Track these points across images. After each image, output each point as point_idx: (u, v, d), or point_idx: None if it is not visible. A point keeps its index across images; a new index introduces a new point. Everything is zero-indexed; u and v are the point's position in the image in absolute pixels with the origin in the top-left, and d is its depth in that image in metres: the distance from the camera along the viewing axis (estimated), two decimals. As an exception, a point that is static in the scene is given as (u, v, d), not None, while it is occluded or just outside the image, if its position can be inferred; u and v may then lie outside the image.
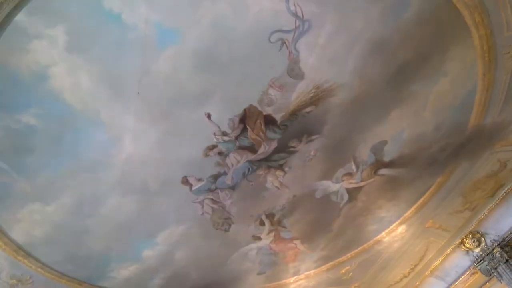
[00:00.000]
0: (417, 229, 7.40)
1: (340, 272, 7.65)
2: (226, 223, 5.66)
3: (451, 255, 8.24)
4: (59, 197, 4.61)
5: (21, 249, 5.00)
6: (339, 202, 6.14)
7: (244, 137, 4.67)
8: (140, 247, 5.58)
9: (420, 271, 8.57)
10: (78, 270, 5.59)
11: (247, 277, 6.86)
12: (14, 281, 5.37)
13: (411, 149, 5.77)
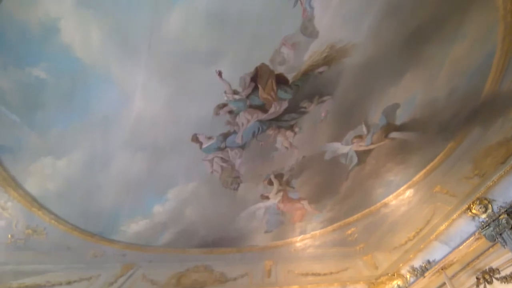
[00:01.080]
0: (425, 193, 7.42)
1: (345, 233, 7.78)
2: (235, 182, 5.72)
3: (457, 220, 8.31)
4: (70, 152, 4.67)
5: (35, 201, 5.14)
6: (348, 165, 6.14)
7: (255, 96, 4.62)
8: (151, 203, 5.69)
9: (425, 235, 8.68)
10: (90, 224, 5.76)
11: (254, 235, 7.02)
12: (29, 231, 5.56)
13: (423, 114, 5.68)
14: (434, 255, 8.98)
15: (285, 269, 8.36)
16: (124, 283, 7.14)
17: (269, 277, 8.34)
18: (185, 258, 7.01)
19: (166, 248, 6.62)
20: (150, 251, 6.56)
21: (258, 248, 7.39)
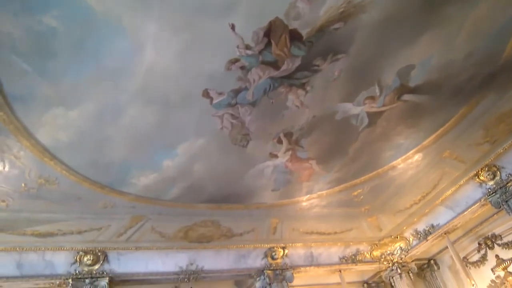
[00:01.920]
0: (434, 158, 7.40)
1: (352, 194, 7.85)
2: (244, 139, 5.72)
3: (463, 186, 8.35)
4: (82, 103, 4.68)
5: (47, 151, 5.20)
6: (358, 126, 6.10)
7: (268, 52, 4.52)
8: (160, 157, 5.74)
9: (431, 200, 8.75)
10: (101, 175, 5.85)
11: (261, 192, 7.11)
12: (41, 181, 5.69)
13: (438, 76, 5.56)
14: (438, 219, 9.09)
15: (290, 227, 8.53)
16: (133, 234, 7.36)
17: (274, 234, 8.54)
18: (193, 213, 7.15)
19: (175, 202, 6.75)
20: (159, 204, 6.69)
21: (265, 205, 7.51)
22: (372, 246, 10.02)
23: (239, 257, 8.61)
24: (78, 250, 7.32)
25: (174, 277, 8.01)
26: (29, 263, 7.03)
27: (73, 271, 7.21)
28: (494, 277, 9.51)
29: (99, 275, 7.31)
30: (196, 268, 8.11)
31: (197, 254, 8.20)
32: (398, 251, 10.00)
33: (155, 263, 7.85)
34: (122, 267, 7.57)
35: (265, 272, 8.63)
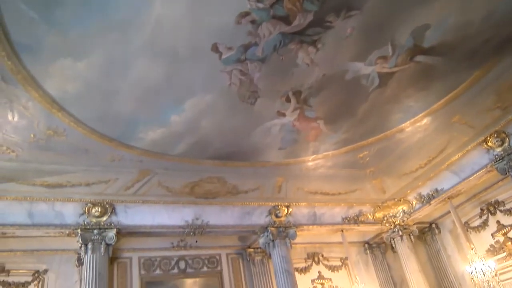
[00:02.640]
0: (442, 122, 7.33)
1: (358, 156, 7.86)
2: (253, 97, 5.67)
3: (471, 151, 8.32)
4: (90, 54, 4.63)
5: (55, 102, 5.21)
6: (368, 87, 6.00)
7: (279, 5, 4.38)
8: (168, 112, 5.74)
9: (437, 164, 8.75)
10: (109, 128, 5.88)
11: (268, 151, 7.13)
12: (50, 132, 5.73)
13: (453, 37, 5.40)
14: (442, 184, 9.13)
15: (295, 186, 8.62)
16: (140, 188, 7.49)
17: (279, 193, 8.65)
18: (199, 169, 7.23)
19: (182, 157, 6.81)
20: (166, 159, 6.76)
21: (270, 164, 7.55)
22: (375, 208, 10.15)
23: (243, 214, 8.79)
24: (87, 202, 7.50)
25: (179, 231, 8.23)
26: (40, 212, 7.23)
27: (82, 222, 7.43)
28: (494, 242, 9.66)
29: (107, 227, 7.52)
30: (201, 222, 8.31)
31: (202, 209, 8.38)
32: (400, 213, 10.13)
33: (161, 217, 8.05)
34: (129, 219, 7.76)
35: (269, 229, 8.82)
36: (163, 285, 8.87)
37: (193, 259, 9.25)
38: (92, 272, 7.12)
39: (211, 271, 9.31)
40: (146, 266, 8.77)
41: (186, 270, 9.09)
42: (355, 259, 10.83)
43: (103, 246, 7.38)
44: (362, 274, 10.52)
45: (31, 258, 8.09)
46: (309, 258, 10.62)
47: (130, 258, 8.70)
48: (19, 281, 7.88)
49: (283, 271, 8.55)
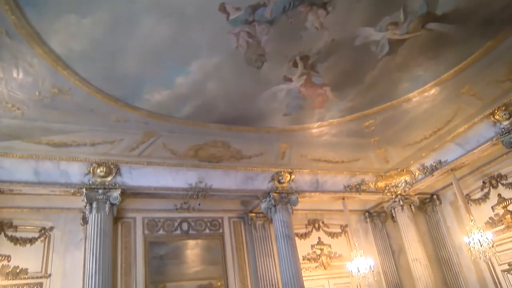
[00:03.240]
0: (451, 93, 7.23)
1: (363, 125, 7.80)
2: (259, 60, 5.58)
3: (477, 124, 8.27)
4: (95, 11, 4.53)
5: (60, 60, 5.14)
6: (377, 54, 5.87)
7: (290, -35, 4.26)
8: (174, 73, 5.66)
9: (442, 136, 8.71)
10: (114, 88, 5.83)
11: (273, 116, 7.09)
12: (55, 91, 5.70)
13: (469, 4, 5.23)
14: (446, 156, 9.13)
15: (298, 153, 8.64)
16: (145, 149, 7.53)
17: (282, 159, 8.68)
18: (204, 132, 7.23)
19: (187, 120, 6.79)
20: (171, 121, 6.74)
21: (275, 130, 7.52)
22: (377, 177, 10.20)
23: (246, 179, 8.86)
24: (91, 162, 7.57)
25: (183, 193, 8.33)
26: (45, 171, 7.32)
27: (87, 181, 7.53)
28: (493, 214, 9.76)
29: (111, 187, 7.62)
30: (204, 186, 8.40)
31: (206, 173, 8.45)
32: (402, 184, 10.19)
33: (165, 179, 8.14)
34: (134, 180, 7.86)
35: (271, 195, 8.92)
36: (166, 246, 9.09)
37: (196, 221, 9.42)
38: (96, 230, 7.28)
39: (213, 233, 9.51)
40: (149, 226, 8.96)
41: (188, 231, 9.28)
42: (355, 227, 11.01)
43: (107, 205, 7.50)
44: (361, 242, 10.72)
45: (37, 215, 8.27)
46: (310, 224, 10.81)
47: (134, 218, 8.88)
48: (27, 237, 8.10)
49: (283, 235, 8.71)
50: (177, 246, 9.26)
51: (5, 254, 7.81)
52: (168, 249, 9.11)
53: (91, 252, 7.12)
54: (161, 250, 9.02)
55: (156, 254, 8.88)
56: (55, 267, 8.00)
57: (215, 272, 9.30)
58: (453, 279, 10.29)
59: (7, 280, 7.61)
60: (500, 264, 9.55)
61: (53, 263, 8.03)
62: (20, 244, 8.01)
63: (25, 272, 7.79)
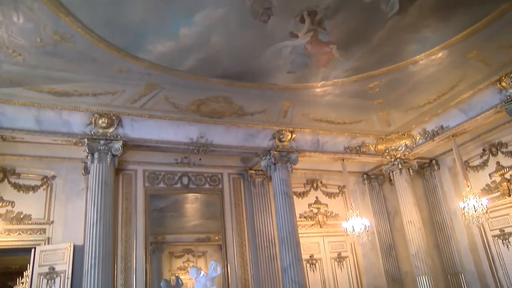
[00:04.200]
0: (458, 57, 7.09)
1: (367, 86, 7.71)
2: (266, 14, 5.40)
3: (483, 90, 8.18)
4: (97, -47, 4.38)
5: (62, 6, 5.01)
6: (387, 12, 5.68)
7: None
8: (177, 24, 5.51)
9: (446, 101, 8.64)
10: (117, 37, 5.70)
11: (277, 73, 6.98)
12: (57, 37, 5.59)
13: (485, -38, 5.05)
14: (449, 121, 9.10)
15: (301, 112, 8.60)
16: (147, 102, 7.49)
17: (284, 117, 8.65)
18: (206, 87, 7.16)
19: (190, 74, 6.70)
20: (174, 74, 6.65)
21: (278, 87, 7.44)
22: (378, 140, 10.22)
23: (247, 136, 8.88)
24: (93, 112, 7.56)
25: (184, 147, 8.38)
26: (47, 119, 7.33)
27: (89, 132, 7.55)
28: (490, 181, 9.87)
29: (113, 138, 7.66)
30: (205, 141, 8.43)
31: (207, 128, 8.46)
32: (402, 147, 10.23)
33: (167, 132, 8.15)
34: (135, 132, 7.88)
35: (271, 153, 8.97)
36: (166, 199, 9.27)
37: (196, 176, 9.54)
38: (98, 180, 7.38)
39: (212, 188, 9.66)
40: (150, 179, 9.08)
41: (188, 185, 9.42)
42: (352, 188, 11.16)
43: (109, 156, 7.57)
44: (358, 203, 10.91)
45: (40, 164, 8.38)
46: (308, 184, 10.97)
47: (135, 170, 8.99)
48: (29, 184, 8.25)
49: (282, 193, 8.84)
50: (177, 199, 9.44)
51: (9, 200, 7.99)
52: (168, 202, 9.29)
53: (92, 201, 7.26)
54: (161, 203, 9.20)
55: (156, 207, 9.06)
56: (57, 215, 8.20)
57: (214, 227, 9.54)
58: (445, 242, 10.57)
59: (12, 225, 7.83)
60: (492, 230, 9.77)
61: (56, 211, 8.22)
62: (23, 191, 8.16)
63: (28, 218, 7.99)
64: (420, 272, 9.64)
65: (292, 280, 8.22)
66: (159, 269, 8.94)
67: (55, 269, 7.64)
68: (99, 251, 6.89)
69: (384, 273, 10.71)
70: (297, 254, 8.46)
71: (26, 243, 7.87)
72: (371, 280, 10.65)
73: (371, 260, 10.83)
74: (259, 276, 9.15)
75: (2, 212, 7.84)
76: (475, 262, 10.07)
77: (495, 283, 9.63)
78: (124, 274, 8.13)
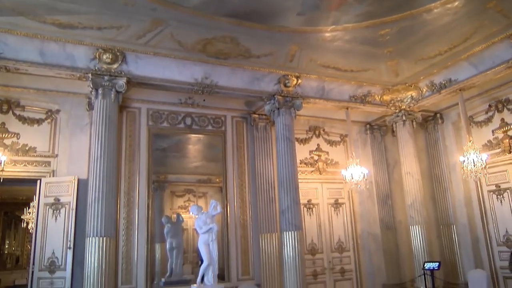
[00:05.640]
0: (476, 7, 6.81)
1: (378, 33, 7.46)
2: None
3: (496, 44, 7.99)
4: None
5: None
6: (405, -47, 5.45)
7: None
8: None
9: (457, 53, 8.45)
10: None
11: (286, 15, 6.71)
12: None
13: None
14: (458, 74, 8.97)
15: (308, 57, 8.42)
16: (152, 38, 7.32)
17: (291, 62, 8.49)
18: (213, 25, 6.95)
19: (197, 10, 6.46)
20: (181, 10, 6.42)
21: (287, 29, 7.20)
22: (384, 90, 10.11)
23: (253, 79, 8.77)
24: (97, 47, 7.44)
25: (188, 87, 8.31)
26: (51, 52, 7.23)
27: (93, 67, 7.47)
28: (492, 138, 9.90)
29: (117, 74, 7.59)
30: (210, 82, 8.34)
31: (213, 69, 8.34)
32: (408, 99, 10.14)
33: (171, 71, 8.05)
34: (140, 69, 7.79)
35: (276, 97, 8.91)
36: (169, 139, 9.36)
37: (199, 117, 9.56)
38: (102, 116, 7.41)
39: (215, 130, 9.71)
40: (154, 117, 9.11)
41: (192, 126, 9.47)
42: (354, 137, 11.21)
43: (113, 93, 7.54)
44: (359, 152, 11.01)
45: (44, 97, 8.39)
46: (311, 131, 11.02)
47: (139, 108, 8.99)
48: (34, 117, 8.31)
49: (284, 138, 8.90)
50: (180, 140, 9.53)
51: (14, 132, 8.10)
52: (170, 142, 9.40)
53: (96, 136, 7.33)
54: (164, 143, 9.30)
55: (159, 146, 9.17)
56: (61, 148, 8.33)
57: (215, 169, 9.70)
58: (441, 195, 10.80)
59: (18, 156, 7.98)
60: (488, 185, 9.95)
61: (60, 145, 8.34)
62: (28, 124, 8.24)
63: (33, 150, 8.13)
64: (413, 222, 9.93)
65: (289, 222, 8.50)
66: (160, 206, 9.21)
67: (60, 201, 7.90)
68: (103, 185, 7.07)
69: (378, 221, 11.04)
70: (296, 197, 8.67)
71: (31, 174, 8.08)
72: (366, 227, 11.01)
73: (367, 208, 11.13)
74: (258, 217, 9.44)
75: (7, 143, 7.96)
76: (468, 215, 10.35)
77: (484, 235, 9.96)
78: (127, 208, 8.39)
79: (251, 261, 9.26)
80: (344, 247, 10.72)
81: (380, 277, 10.71)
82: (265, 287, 9.00)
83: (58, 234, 7.78)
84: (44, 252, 7.71)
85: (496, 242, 9.70)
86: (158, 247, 8.77)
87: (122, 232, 8.21)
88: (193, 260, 9.26)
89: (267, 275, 9.10)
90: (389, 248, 10.86)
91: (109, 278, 6.94)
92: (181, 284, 8.42)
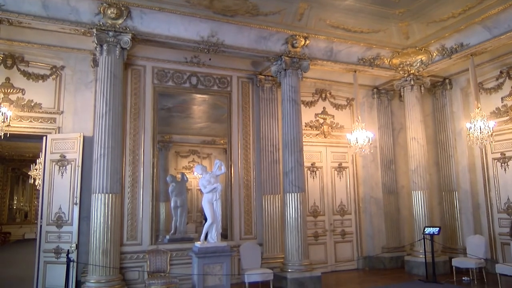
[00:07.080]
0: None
1: (390, -7, 7.27)
2: None
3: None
4: None
5: None
6: None
7: None
8: None
9: (471, 16, 8.14)
10: None
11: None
12: None
13: None
14: (470, 39, 8.75)
15: (317, 16, 8.17)
16: (157, -7, 7.13)
17: (299, 21, 8.25)
18: (221, -20, 6.76)
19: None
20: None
21: (297, -16, 7.01)
22: (393, 53, 9.88)
23: (260, 38, 8.57)
24: (102, 1, 7.24)
25: (194, 45, 8.15)
26: (54, 5, 7.06)
27: (97, 22, 7.32)
28: (501, 105, 9.78)
29: (122, 30, 7.44)
30: (217, 40, 8.18)
31: (219, 27, 8.13)
32: (417, 63, 9.95)
33: (177, 28, 7.87)
34: (145, 26, 7.63)
35: (283, 58, 8.75)
36: (174, 98, 9.29)
37: (205, 77, 9.44)
38: (107, 73, 7.34)
39: (221, 90, 9.61)
40: (159, 76, 9.00)
41: (197, 86, 9.37)
42: (361, 101, 11.12)
43: (118, 49, 7.43)
44: (364, 116, 10.95)
45: (48, 53, 8.30)
46: (317, 94, 10.92)
47: (144, 66, 8.87)
48: (39, 73, 8.28)
49: (290, 100, 8.82)
50: (185, 100, 9.46)
51: (19, 87, 8.09)
52: (175, 102, 9.33)
53: (101, 93, 7.30)
54: (169, 102, 9.24)
55: (164, 106, 9.12)
56: (67, 105, 8.32)
57: (220, 130, 9.70)
58: (445, 161, 10.78)
59: (23, 112, 8.00)
60: (493, 153, 9.94)
61: (65, 101, 8.34)
62: (33, 79, 8.22)
63: (39, 106, 8.13)
64: (416, 187, 9.99)
65: (292, 184, 8.57)
66: (165, 165, 9.28)
67: (66, 157, 7.97)
68: (108, 142, 7.10)
69: (381, 185, 11.10)
70: (300, 159, 8.70)
71: (37, 130, 8.12)
72: (368, 191, 11.10)
73: (370, 172, 11.17)
74: (261, 178, 9.51)
75: (13, 98, 7.95)
76: (471, 182, 10.38)
77: (486, 202, 10.05)
78: (132, 166, 8.45)
79: (253, 221, 9.41)
80: (346, 210, 10.86)
81: (380, 240, 10.90)
82: (267, 246, 9.20)
83: (65, 190, 7.91)
84: (51, 208, 7.88)
85: (497, 209, 9.78)
86: (163, 206, 8.91)
87: (128, 190, 8.32)
88: (196, 219, 9.43)
89: (269, 235, 9.28)
90: (390, 212, 10.98)
91: (115, 233, 7.10)
92: (185, 241, 8.62)
